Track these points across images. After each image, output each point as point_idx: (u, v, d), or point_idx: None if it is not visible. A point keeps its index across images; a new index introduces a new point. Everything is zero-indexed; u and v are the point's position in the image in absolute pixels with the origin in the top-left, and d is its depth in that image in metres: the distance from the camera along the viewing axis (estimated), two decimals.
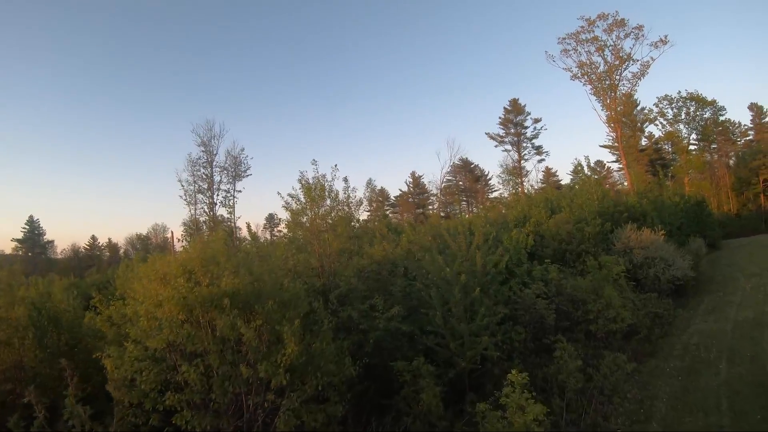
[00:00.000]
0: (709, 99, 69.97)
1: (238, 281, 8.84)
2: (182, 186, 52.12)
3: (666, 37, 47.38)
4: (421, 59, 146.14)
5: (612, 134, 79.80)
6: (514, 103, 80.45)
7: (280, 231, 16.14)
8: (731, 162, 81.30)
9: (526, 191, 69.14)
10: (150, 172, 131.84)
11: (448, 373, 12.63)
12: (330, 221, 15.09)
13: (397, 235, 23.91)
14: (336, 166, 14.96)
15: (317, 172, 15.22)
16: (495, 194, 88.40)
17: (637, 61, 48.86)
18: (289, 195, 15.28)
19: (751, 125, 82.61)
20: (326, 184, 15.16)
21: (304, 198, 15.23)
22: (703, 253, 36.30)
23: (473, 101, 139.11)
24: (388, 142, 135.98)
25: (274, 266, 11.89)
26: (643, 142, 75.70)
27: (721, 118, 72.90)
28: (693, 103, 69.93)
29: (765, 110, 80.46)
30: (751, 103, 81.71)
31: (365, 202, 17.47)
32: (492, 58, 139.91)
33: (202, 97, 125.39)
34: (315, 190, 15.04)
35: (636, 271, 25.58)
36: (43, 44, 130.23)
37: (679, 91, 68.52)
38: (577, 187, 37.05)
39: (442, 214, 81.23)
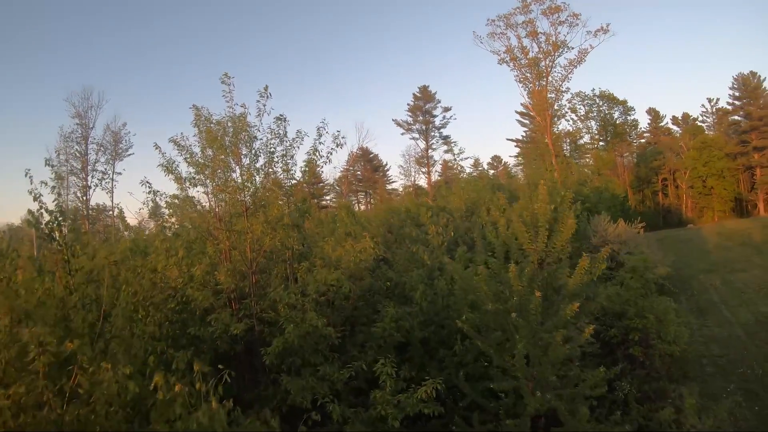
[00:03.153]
0: (620, 99, 70.76)
1: None
2: (52, 165, 41.23)
3: (608, 25, 44.86)
4: (329, 36, 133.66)
5: (524, 126, 79.82)
6: (424, 90, 76.52)
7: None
8: (625, 161, 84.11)
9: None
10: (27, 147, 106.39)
11: None
12: (260, 193, 7.92)
13: (334, 224, 17.13)
14: (267, 89, 7.80)
15: (231, 104, 7.99)
16: (394, 185, 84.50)
17: (573, 48, 46.03)
18: (174, 143, 7.86)
19: (648, 128, 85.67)
20: (250, 125, 7.93)
21: (204, 151, 7.90)
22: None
23: (381, 87, 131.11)
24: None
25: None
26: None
27: (630, 119, 74.21)
28: (604, 101, 70.27)
29: (662, 115, 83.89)
30: (649, 108, 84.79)
31: (332, 155, 9.70)
32: (403, 42, 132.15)
33: (84, 59, 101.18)
34: (224, 136, 7.76)
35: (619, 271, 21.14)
36: None
37: (593, 89, 68.31)
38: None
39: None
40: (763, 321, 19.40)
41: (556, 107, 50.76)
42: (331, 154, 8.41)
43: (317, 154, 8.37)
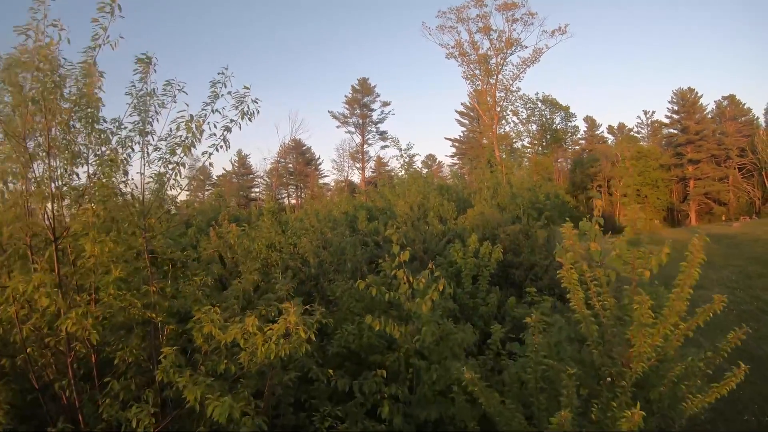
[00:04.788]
0: (563, 105, 70.62)
1: None
2: None
3: (565, 26, 43.24)
4: (264, 16, 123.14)
5: (463, 125, 78.47)
6: (363, 82, 73.88)
7: None
8: (559, 166, 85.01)
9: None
10: None
11: None
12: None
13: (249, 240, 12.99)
14: (115, 5, 3.80)
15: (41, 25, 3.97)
16: (326, 179, 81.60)
17: (526, 47, 44.22)
18: None
19: (584, 135, 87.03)
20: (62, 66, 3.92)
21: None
22: None
23: (319, 76, 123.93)
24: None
25: None
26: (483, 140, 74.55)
27: (570, 125, 74.47)
28: (547, 106, 69.87)
29: (598, 123, 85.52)
30: (587, 116, 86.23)
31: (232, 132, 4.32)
32: (346, 31, 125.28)
33: None
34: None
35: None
36: None
37: (537, 93, 67.51)
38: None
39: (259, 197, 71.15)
40: (744, 350, 17.40)
41: (503, 105, 49.01)
42: (229, 131, 4.44)
43: (193, 130, 4.41)
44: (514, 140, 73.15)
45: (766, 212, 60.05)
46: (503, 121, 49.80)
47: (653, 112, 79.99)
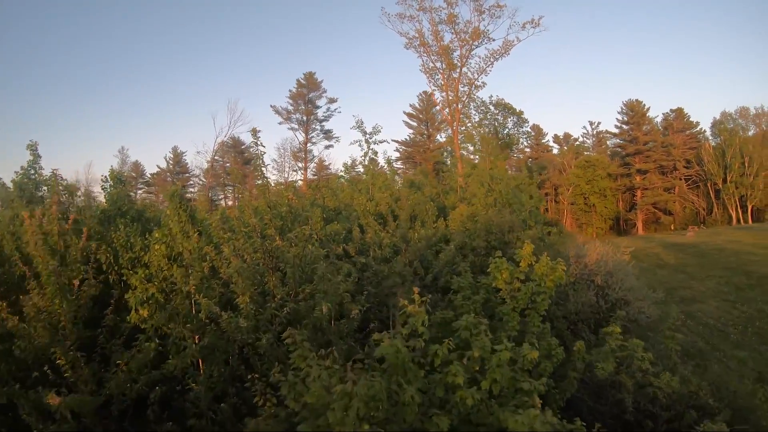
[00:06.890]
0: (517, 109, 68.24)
1: None
2: None
3: (539, 19, 39.79)
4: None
5: (411, 128, 74.91)
6: (309, 77, 69.23)
7: None
8: None
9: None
10: None
11: None
12: None
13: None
14: None
15: None
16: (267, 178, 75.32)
17: (494, 40, 40.62)
18: None
19: (531, 143, 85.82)
20: None
21: None
22: None
23: (264, 67, 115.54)
24: (149, 106, 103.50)
25: None
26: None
27: (522, 130, 72.48)
28: (499, 110, 67.27)
29: (544, 132, 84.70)
30: (534, 125, 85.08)
31: None
32: (293, 24, 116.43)
33: None
34: None
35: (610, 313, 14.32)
36: None
37: (491, 96, 64.58)
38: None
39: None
40: None
41: (465, 101, 45.29)
42: None
43: None
44: (464, 144, 70.09)
45: (711, 222, 60.57)
46: (463, 118, 46.00)
47: (599, 123, 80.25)
